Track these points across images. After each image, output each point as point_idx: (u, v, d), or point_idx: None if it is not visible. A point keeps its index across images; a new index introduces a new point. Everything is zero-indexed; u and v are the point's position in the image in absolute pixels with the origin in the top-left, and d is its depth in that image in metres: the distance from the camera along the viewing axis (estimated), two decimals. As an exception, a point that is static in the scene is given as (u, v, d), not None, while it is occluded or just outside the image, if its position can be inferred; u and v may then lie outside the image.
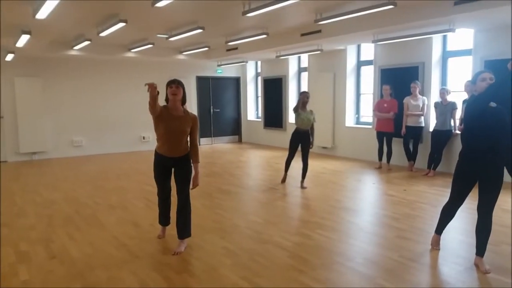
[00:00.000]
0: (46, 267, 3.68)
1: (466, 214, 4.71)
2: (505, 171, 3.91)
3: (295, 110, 6.66)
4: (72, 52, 9.76)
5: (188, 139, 4.03)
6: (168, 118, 3.84)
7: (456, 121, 7.26)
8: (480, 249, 3.50)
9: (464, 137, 3.71)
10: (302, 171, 6.74)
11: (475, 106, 3.39)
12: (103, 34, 7.53)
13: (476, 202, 3.53)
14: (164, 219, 4.44)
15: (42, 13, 5.61)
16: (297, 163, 6.84)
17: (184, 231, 4.06)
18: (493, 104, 3.36)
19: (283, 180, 7.05)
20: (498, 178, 3.42)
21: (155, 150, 4.08)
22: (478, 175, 3.47)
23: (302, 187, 6.67)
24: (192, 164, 4.03)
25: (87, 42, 8.63)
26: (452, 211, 3.79)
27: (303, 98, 6.64)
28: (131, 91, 11.32)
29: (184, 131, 3.92)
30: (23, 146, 10.10)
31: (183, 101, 3.96)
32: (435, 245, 3.98)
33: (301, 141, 6.71)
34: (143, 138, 11.73)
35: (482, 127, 3.37)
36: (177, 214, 4.09)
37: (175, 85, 3.85)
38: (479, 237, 3.52)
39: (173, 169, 4.09)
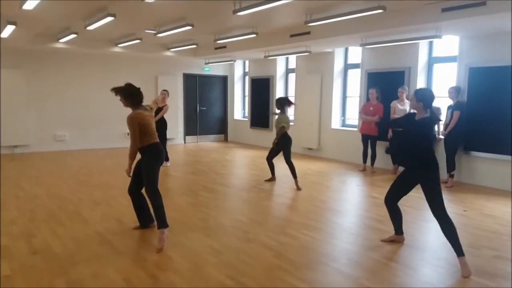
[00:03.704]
0: (28, 262, 3.63)
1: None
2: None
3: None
4: (58, 45, 9.61)
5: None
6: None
7: (440, 126, 7.38)
8: (457, 249, 3.56)
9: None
10: (291, 173, 6.67)
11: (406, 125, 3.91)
12: (90, 27, 7.44)
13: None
14: (138, 219, 4.55)
15: (30, 4, 5.52)
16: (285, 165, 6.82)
17: (156, 220, 4.10)
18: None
19: (269, 180, 7.08)
20: (430, 182, 3.66)
21: None
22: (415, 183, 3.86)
23: (298, 188, 6.56)
24: (149, 159, 4.37)
25: (73, 35, 8.51)
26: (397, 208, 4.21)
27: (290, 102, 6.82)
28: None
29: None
30: (5, 138, 9.88)
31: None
32: (389, 239, 4.29)
33: (282, 143, 6.68)
34: (127, 134, 11.56)
35: (408, 141, 3.84)
36: None
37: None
38: (449, 239, 3.60)
39: None
